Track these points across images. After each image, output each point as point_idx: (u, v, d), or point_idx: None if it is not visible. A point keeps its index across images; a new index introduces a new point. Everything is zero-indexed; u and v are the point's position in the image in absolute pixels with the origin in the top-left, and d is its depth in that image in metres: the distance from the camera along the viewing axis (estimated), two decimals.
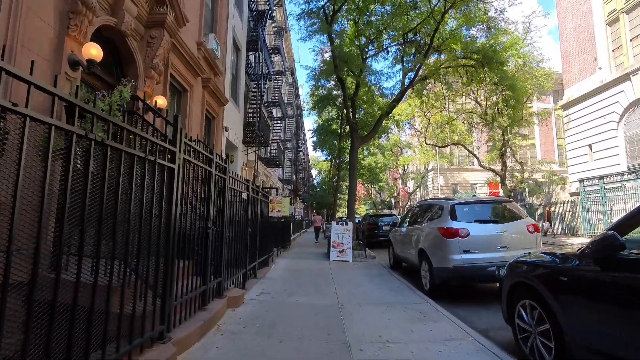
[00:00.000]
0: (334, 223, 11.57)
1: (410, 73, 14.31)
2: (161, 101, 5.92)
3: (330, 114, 28.47)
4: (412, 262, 8.16)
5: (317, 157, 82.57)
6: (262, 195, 8.79)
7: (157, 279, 3.31)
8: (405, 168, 55.70)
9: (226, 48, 10.71)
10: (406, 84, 14.44)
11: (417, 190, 54.46)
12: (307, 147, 65.82)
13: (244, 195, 6.68)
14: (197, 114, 8.57)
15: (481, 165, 25.30)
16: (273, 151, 20.47)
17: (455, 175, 50.64)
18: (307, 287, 7.04)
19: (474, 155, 25.63)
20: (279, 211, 17.97)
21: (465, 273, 6.18)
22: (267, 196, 9.47)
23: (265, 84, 15.78)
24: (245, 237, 6.79)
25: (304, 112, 49.54)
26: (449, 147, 49.41)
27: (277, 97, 20.29)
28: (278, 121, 23.06)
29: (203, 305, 4.46)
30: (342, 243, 11.16)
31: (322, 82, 21.83)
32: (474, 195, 16.65)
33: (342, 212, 58.83)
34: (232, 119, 11.94)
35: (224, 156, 8.08)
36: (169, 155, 3.48)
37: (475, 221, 6.58)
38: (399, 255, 9.67)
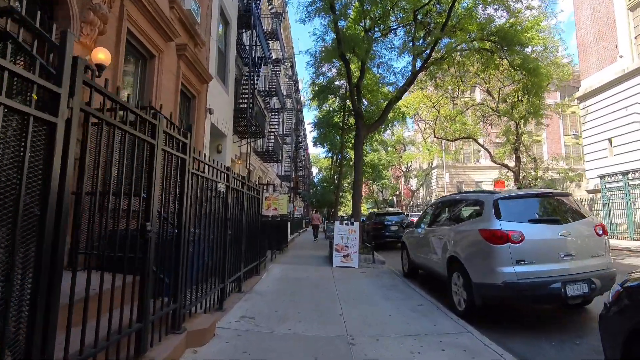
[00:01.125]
0: (337, 223, 9.94)
1: (424, 52, 12.66)
2: (102, 55, 4.28)
3: (332, 107, 26.88)
4: (436, 272, 6.53)
5: (317, 155, 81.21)
6: (251, 189, 7.17)
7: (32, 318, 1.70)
8: (409, 165, 54.06)
9: (210, 16, 9.08)
10: (417, 66, 12.85)
11: (421, 188, 52.88)
12: (307, 145, 64.25)
13: (221, 187, 5.04)
14: (169, 88, 6.93)
15: (493, 161, 23.63)
16: (270, 145, 18.83)
17: (460, 172, 49.12)
18: (305, 307, 5.39)
19: (486, 149, 23.93)
20: (275, 209, 16.34)
21: (521, 292, 4.53)
22: (258, 191, 7.84)
23: (260, 68, 14.14)
24: (223, 242, 5.17)
25: (304, 108, 47.93)
26: (454, 143, 47.89)
27: (274, 86, 18.64)
28: (276, 113, 21.42)
29: (139, 355, 2.83)
30: (347, 246, 9.52)
31: (324, 69, 20.27)
32: None
33: (342, 211, 57.26)
34: (220, 102, 10.30)
35: (200, 145, 6.43)
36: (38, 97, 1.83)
37: (530, 221, 4.94)
38: (415, 261, 8.05)
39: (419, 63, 12.82)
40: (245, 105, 12.01)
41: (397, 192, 61.46)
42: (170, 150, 3.34)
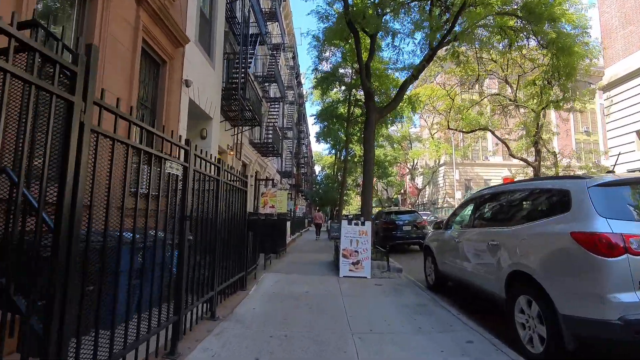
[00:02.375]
0: (344, 223, 8.16)
1: (444, 27, 10.87)
2: None
3: (336, 97, 25.07)
4: (483, 291, 4.76)
5: (320, 153, 79.63)
6: (234, 179, 5.44)
7: None
8: (415, 163, 52.18)
9: None
10: (435, 42, 11.10)
11: (427, 186, 51.03)
12: (310, 142, 62.50)
13: (173, 169, 3.29)
14: (123, 40, 5.16)
15: (512, 155, 21.79)
16: (269, 136, 17.06)
17: (468, 170, 47.41)
18: (302, 347, 3.63)
19: (503, 142, 22.04)
20: (272, 207, 14.60)
21: None
22: (244, 181, 6.10)
23: (255, 47, 12.38)
24: (179, 252, 3.43)
25: (306, 103, 46.23)
26: (462, 139, 46.04)
27: (272, 72, 16.87)
28: (275, 104, 19.65)
29: None
30: (357, 251, 7.75)
31: (327, 54, 18.51)
32: None
33: (346, 210, 55.45)
34: (202, 75, 8.56)
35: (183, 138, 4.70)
36: None
37: None
38: (445, 271, 6.30)
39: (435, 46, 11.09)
40: (237, 84, 10.24)
41: (403, 191, 59.62)
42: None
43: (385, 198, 58.11)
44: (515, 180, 28.20)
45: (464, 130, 22.34)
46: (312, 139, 46.36)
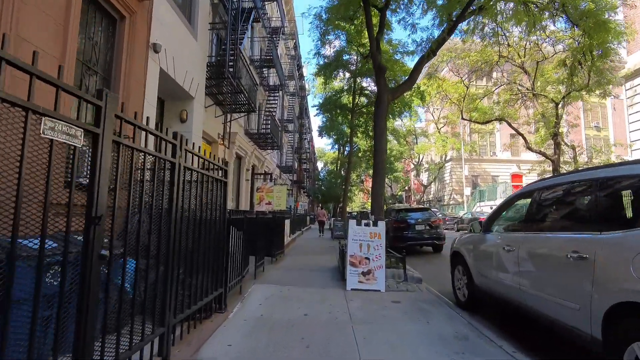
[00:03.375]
0: (352, 223, 6.65)
1: None
2: None
3: (340, 87, 23.54)
4: (561, 324, 3.28)
5: (323, 149, 78.22)
6: (208, 167, 4.01)
7: None
8: (420, 158, 50.55)
9: None
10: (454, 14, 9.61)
11: (433, 183, 49.45)
12: (312, 137, 60.94)
13: (57, 132, 1.82)
14: None
15: (528, 148, 20.24)
16: (267, 126, 15.56)
17: (475, 166, 45.83)
18: None
19: (520, 134, 20.46)
20: (269, 203, 13.13)
21: None
22: (224, 170, 4.64)
23: (249, 22, 10.87)
24: (81, 274, 1.99)
25: (308, 97, 44.71)
26: (469, 135, 44.48)
27: (270, 55, 15.36)
28: (274, 93, 18.12)
29: None
30: (368, 258, 6.28)
31: (330, 37, 16.97)
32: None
33: (349, 207, 53.88)
34: (179, 43, 7.08)
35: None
36: None
37: None
38: (485, 287, 4.84)
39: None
40: (225, 58, 8.74)
41: (407, 188, 58.03)
42: None
43: (389, 195, 56.59)
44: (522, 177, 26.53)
45: (478, 120, 20.78)
46: (315, 134, 44.97)
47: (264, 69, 16.56)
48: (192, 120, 7.78)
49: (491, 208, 25.97)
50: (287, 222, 12.85)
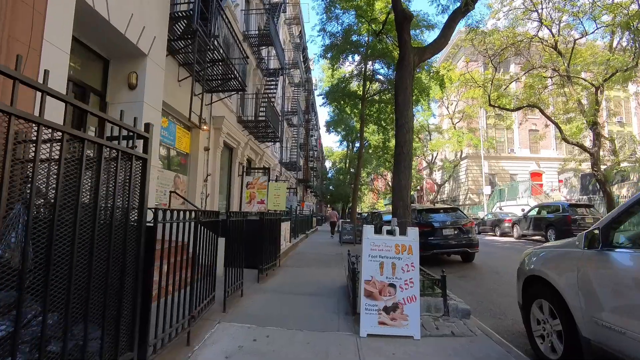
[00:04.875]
0: (368, 230, 4.34)
1: None
2: None
3: (348, 71, 21.23)
4: None
5: (331, 148, 76.01)
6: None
7: None
8: (434, 156, 47.91)
9: None
10: None
11: (447, 182, 46.81)
12: (320, 135, 58.66)
13: None
14: None
15: (564, 139, 17.74)
16: (262, 112, 13.34)
17: (492, 164, 43.23)
18: None
19: (555, 123, 17.96)
20: (261, 202, 10.91)
21: None
22: (139, 136, 2.47)
23: None
24: None
25: (315, 91, 42.57)
26: (486, 129, 41.82)
27: (268, 29, 13.16)
28: (274, 78, 15.91)
29: None
30: (394, 286, 4.03)
31: (338, 11, 14.74)
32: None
33: (358, 208, 51.52)
34: None
35: None
36: None
37: None
38: (609, 343, 2.56)
39: None
40: (195, 3, 6.54)
41: (419, 187, 55.31)
42: None
43: None
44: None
45: (507, 107, 18.31)
46: (322, 131, 42.76)
47: (262, 48, 14.38)
48: (146, 86, 5.61)
49: (522, 209, 23.38)
50: (286, 226, 10.61)
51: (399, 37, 6.46)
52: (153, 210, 2.81)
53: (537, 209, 18.46)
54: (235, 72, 8.55)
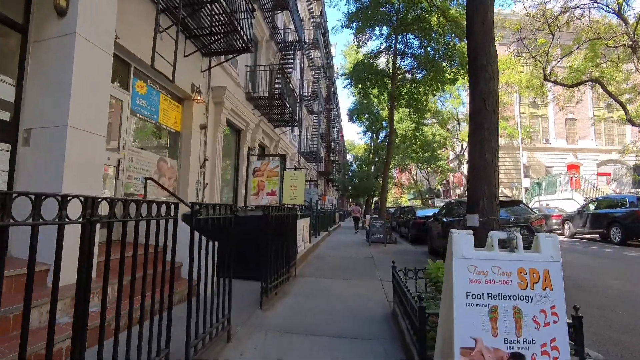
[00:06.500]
0: (460, 240, 2.20)
1: None
2: None
3: (374, 44, 18.91)
4: None
5: (352, 141, 73.53)
6: None
7: None
8: (462, 147, 44.88)
9: None
10: None
11: None
12: (341, 127, 56.36)
13: None
14: None
15: (630, 120, 14.97)
16: (279, 87, 11.23)
17: (526, 155, 39.90)
18: None
19: (621, 104, 15.19)
20: (272, 193, 8.82)
21: None
22: None
23: None
24: None
25: (336, 81, 40.31)
26: (512, 117, 38.57)
27: None
28: (290, 51, 13.81)
29: None
30: (522, 358, 1.89)
31: None
32: None
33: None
34: None
35: None
36: None
37: None
38: None
39: None
40: None
41: (445, 181, 52.31)
42: None
43: (426, 189, 51.10)
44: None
45: (565, 83, 15.63)
46: (344, 122, 40.54)
47: (276, 13, 12.29)
48: (79, 9, 3.60)
49: (584, 204, 20.51)
50: (303, 223, 8.52)
51: None
52: None
53: (595, 203, 15.82)
54: (235, 23, 6.49)
